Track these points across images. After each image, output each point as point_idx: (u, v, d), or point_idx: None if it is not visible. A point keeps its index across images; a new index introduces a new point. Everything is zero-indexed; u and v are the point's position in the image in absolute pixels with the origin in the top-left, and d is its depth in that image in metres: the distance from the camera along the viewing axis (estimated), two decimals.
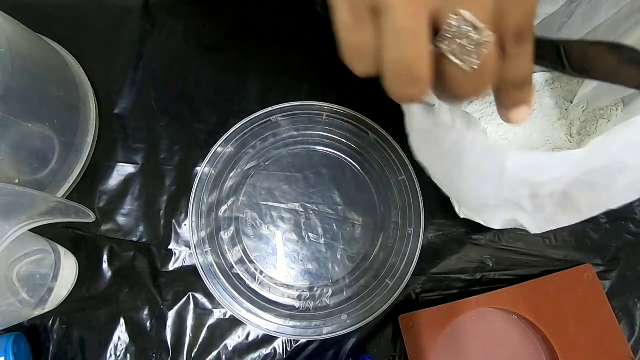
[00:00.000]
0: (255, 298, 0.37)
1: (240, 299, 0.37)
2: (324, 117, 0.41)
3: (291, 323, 0.37)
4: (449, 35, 0.15)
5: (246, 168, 0.41)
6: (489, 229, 0.36)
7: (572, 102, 0.39)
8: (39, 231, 0.34)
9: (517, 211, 0.31)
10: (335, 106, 0.41)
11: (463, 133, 0.23)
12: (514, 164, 0.22)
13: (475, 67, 0.15)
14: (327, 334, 0.36)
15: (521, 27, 0.15)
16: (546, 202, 0.29)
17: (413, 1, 0.14)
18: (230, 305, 0.36)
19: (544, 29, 0.35)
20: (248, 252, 0.39)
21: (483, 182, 0.25)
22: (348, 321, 0.36)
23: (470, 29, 0.14)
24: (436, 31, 0.15)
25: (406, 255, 0.38)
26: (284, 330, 0.36)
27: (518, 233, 0.40)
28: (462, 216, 0.37)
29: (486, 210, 0.35)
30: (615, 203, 0.26)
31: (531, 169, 0.22)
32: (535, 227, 0.32)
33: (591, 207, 0.27)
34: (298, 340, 0.38)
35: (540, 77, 0.40)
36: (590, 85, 0.37)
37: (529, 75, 0.18)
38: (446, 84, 0.16)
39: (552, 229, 0.31)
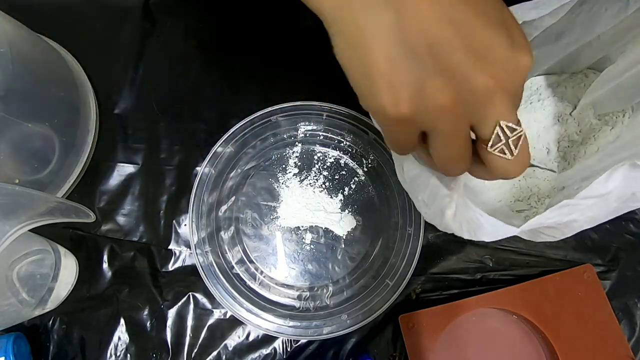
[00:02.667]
0: (255, 298, 0.37)
1: (241, 298, 0.37)
2: (324, 117, 0.41)
3: (291, 323, 0.37)
4: (497, 141, 0.19)
5: (246, 168, 0.41)
6: None
7: (575, 107, 0.39)
8: (39, 231, 0.34)
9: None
10: (335, 106, 0.41)
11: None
12: (452, 216, 0.24)
13: (516, 154, 0.19)
14: (327, 334, 0.36)
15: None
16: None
17: (454, 122, 0.19)
18: (230, 305, 0.36)
19: (542, 38, 0.35)
20: (248, 252, 0.39)
21: (433, 220, 0.26)
22: (348, 321, 0.36)
23: (509, 132, 0.19)
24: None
25: (406, 255, 0.38)
26: (284, 330, 0.36)
27: None
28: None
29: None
30: (572, 233, 0.27)
31: (467, 227, 0.24)
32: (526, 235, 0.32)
33: (554, 235, 0.28)
34: (298, 340, 0.38)
35: (543, 80, 0.40)
36: (596, 91, 0.37)
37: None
38: (492, 170, 0.20)
39: (541, 240, 0.31)
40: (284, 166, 0.41)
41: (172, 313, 0.38)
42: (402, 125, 0.19)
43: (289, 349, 0.38)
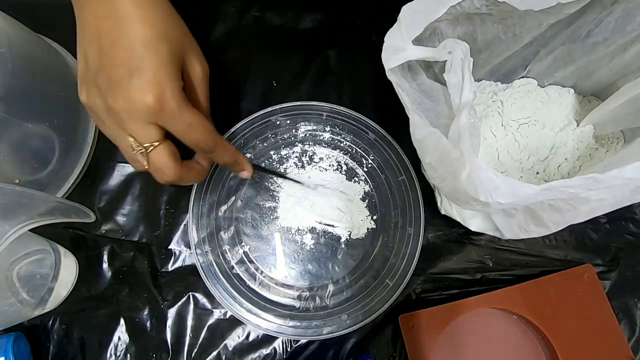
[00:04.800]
0: (255, 298, 0.37)
1: (241, 299, 0.37)
2: (324, 117, 0.41)
3: (291, 323, 0.37)
4: (131, 151, 0.27)
5: None
6: None
7: (577, 125, 0.39)
8: (39, 231, 0.34)
9: (493, 214, 0.32)
10: (335, 106, 0.41)
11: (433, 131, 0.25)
12: (467, 177, 0.23)
13: (149, 164, 0.27)
14: (327, 334, 0.36)
15: (201, 149, 0.29)
16: (514, 212, 0.29)
17: (112, 130, 0.27)
18: (230, 305, 0.36)
19: (569, 36, 0.35)
20: (248, 252, 0.39)
21: (442, 181, 0.26)
22: (348, 321, 0.36)
23: (135, 146, 0.26)
24: None
25: (406, 255, 0.38)
26: (284, 330, 0.36)
27: None
28: (442, 212, 0.37)
29: (465, 211, 0.36)
30: (580, 220, 0.27)
31: (482, 188, 0.23)
32: (509, 232, 0.32)
33: (557, 223, 0.28)
34: (298, 340, 0.38)
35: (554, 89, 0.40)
36: (598, 112, 0.37)
37: (229, 161, 0.32)
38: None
39: (525, 237, 0.31)
40: (284, 166, 0.41)
41: (172, 313, 0.38)
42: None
43: (288, 349, 0.38)
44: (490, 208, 0.26)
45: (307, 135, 0.42)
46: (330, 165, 0.41)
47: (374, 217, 0.40)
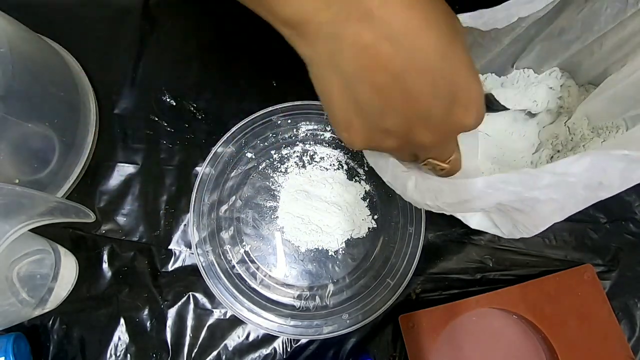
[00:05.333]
0: (256, 297, 0.37)
1: (242, 298, 0.37)
2: (325, 117, 0.41)
3: (292, 322, 0.36)
4: (428, 166, 0.25)
5: (246, 168, 0.41)
6: None
7: (569, 117, 0.39)
8: (39, 231, 0.34)
9: (491, 212, 0.32)
10: None
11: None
12: (414, 187, 0.25)
13: (443, 174, 0.26)
14: (327, 334, 0.36)
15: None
16: (496, 211, 0.29)
17: (399, 154, 0.25)
18: (231, 304, 0.36)
19: (547, 32, 0.35)
20: (249, 251, 0.39)
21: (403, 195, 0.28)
22: (348, 321, 0.36)
23: (436, 165, 0.25)
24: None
25: (407, 255, 0.38)
26: (285, 330, 0.36)
27: None
28: None
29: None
30: (552, 222, 0.27)
31: (428, 194, 0.25)
32: (506, 229, 0.32)
33: (527, 225, 0.28)
34: (298, 340, 0.38)
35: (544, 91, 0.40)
36: (592, 102, 0.37)
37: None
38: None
39: (519, 236, 0.31)
40: (284, 166, 0.41)
41: (172, 313, 0.38)
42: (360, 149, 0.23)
43: (289, 349, 0.38)
44: (465, 207, 0.26)
45: (308, 134, 0.42)
46: (331, 165, 0.41)
47: (375, 217, 0.40)
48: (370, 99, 0.19)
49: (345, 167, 0.41)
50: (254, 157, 0.41)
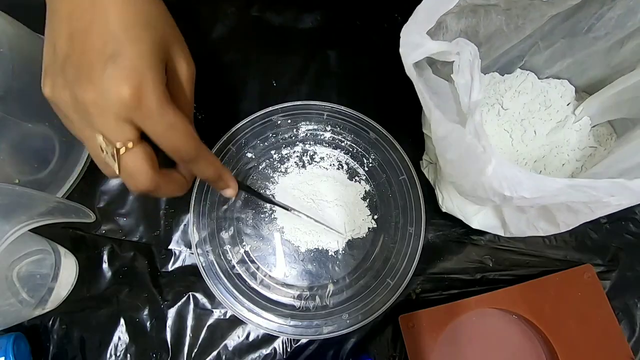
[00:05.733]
0: (256, 297, 0.37)
1: (242, 298, 0.37)
2: (325, 117, 0.41)
3: (292, 322, 0.37)
4: (100, 152, 0.23)
5: (246, 168, 0.41)
6: None
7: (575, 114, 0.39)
8: (39, 231, 0.34)
9: (505, 207, 0.32)
10: (335, 105, 0.41)
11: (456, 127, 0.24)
12: (493, 172, 0.23)
13: (120, 169, 0.23)
14: (327, 334, 0.36)
15: (181, 157, 0.24)
16: (528, 207, 0.29)
17: (79, 129, 0.23)
18: (231, 305, 0.36)
19: (570, 29, 0.35)
20: (249, 251, 0.39)
21: (463, 178, 0.26)
22: (348, 321, 0.36)
23: (105, 145, 0.22)
24: None
25: (407, 255, 0.38)
26: (285, 330, 0.36)
27: None
28: (443, 210, 0.37)
29: (466, 209, 0.36)
30: (590, 219, 0.27)
31: (506, 183, 0.23)
32: (515, 228, 0.32)
33: (568, 224, 0.28)
34: (298, 340, 0.38)
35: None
36: (592, 102, 0.37)
37: (211, 175, 0.28)
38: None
39: (531, 234, 0.31)
40: (284, 166, 0.41)
41: (172, 313, 0.38)
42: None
43: (289, 349, 0.38)
44: (511, 203, 0.26)
45: (308, 134, 0.42)
46: (331, 165, 0.41)
47: (375, 217, 0.40)
48: (61, 43, 0.22)
49: (345, 167, 0.41)
50: (254, 157, 0.41)
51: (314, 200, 0.40)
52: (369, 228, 0.40)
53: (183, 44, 0.26)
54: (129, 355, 0.37)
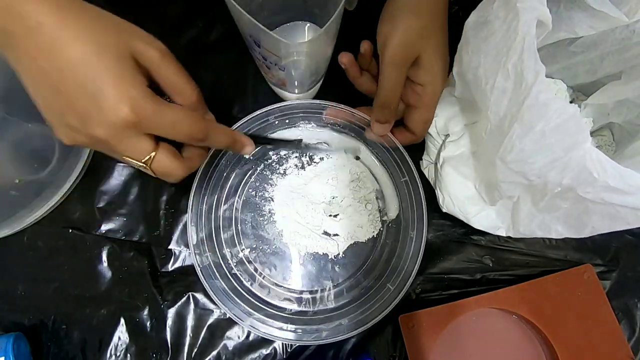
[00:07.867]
0: (254, 300, 0.37)
1: (239, 301, 0.36)
2: (323, 117, 0.41)
3: (291, 327, 0.36)
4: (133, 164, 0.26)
5: (245, 169, 0.41)
6: None
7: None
8: None
9: (522, 203, 0.31)
10: (335, 105, 0.41)
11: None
12: (590, 149, 0.23)
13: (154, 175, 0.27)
14: (326, 338, 0.35)
15: (195, 140, 0.27)
16: (563, 205, 0.28)
17: (111, 151, 0.25)
18: (230, 309, 0.35)
19: (555, 41, 0.35)
20: (247, 253, 0.39)
21: (541, 151, 0.25)
22: (348, 325, 0.36)
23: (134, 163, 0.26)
24: None
25: (408, 258, 0.37)
26: (284, 335, 0.35)
27: None
28: (444, 210, 0.37)
29: (468, 209, 0.35)
30: (623, 228, 0.27)
31: (593, 164, 0.23)
32: (524, 227, 0.32)
33: (596, 229, 0.28)
34: None
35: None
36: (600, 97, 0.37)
37: (227, 143, 0.31)
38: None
39: (541, 236, 0.31)
40: (283, 167, 0.41)
41: (172, 313, 0.38)
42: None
43: (289, 349, 0.38)
44: (573, 192, 0.25)
45: (308, 134, 0.41)
46: (330, 166, 0.41)
47: (376, 219, 0.40)
48: (51, 101, 0.23)
49: (345, 167, 0.41)
50: (252, 158, 0.41)
51: (313, 202, 0.40)
52: (369, 231, 0.39)
53: (139, 32, 0.26)
54: (129, 355, 0.37)
